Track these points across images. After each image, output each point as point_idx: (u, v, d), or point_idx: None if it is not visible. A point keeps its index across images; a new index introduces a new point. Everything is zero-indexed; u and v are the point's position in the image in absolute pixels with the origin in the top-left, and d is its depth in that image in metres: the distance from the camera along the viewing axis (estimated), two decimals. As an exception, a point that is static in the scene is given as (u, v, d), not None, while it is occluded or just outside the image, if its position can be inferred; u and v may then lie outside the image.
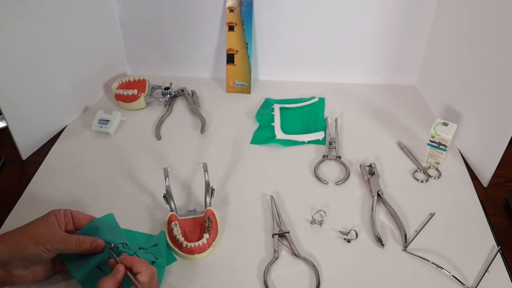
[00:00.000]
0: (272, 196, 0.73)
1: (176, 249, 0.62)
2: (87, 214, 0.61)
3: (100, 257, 0.56)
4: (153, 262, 0.57)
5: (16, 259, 0.51)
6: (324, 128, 0.90)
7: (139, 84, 1.00)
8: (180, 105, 1.01)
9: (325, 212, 0.69)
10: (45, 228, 0.54)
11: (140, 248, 0.60)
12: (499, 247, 0.64)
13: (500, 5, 0.72)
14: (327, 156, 0.82)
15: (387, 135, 0.89)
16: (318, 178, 0.78)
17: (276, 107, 0.96)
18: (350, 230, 0.67)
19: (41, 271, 0.56)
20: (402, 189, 0.75)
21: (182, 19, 1.03)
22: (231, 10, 0.99)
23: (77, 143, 0.88)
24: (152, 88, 1.02)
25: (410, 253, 0.63)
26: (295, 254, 0.63)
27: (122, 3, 1.02)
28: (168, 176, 0.69)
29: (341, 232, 0.67)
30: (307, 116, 0.95)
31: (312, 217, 0.69)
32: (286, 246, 0.65)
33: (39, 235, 0.52)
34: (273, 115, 0.94)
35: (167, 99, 0.99)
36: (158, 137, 0.89)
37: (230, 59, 1.02)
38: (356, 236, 0.66)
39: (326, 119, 0.93)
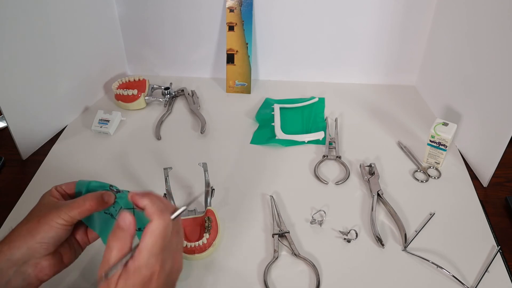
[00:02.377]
0: (272, 196, 0.73)
1: (176, 249, 0.62)
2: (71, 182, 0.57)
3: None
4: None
5: (35, 248, 0.49)
6: (324, 128, 0.90)
7: (139, 84, 1.00)
8: (180, 105, 1.01)
9: (325, 212, 0.69)
10: (47, 208, 0.51)
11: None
12: (499, 247, 0.64)
13: (499, 5, 0.72)
14: (327, 156, 0.82)
15: (387, 135, 0.89)
16: (318, 178, 0.78)
17: (276, 107, 0.96)
18: (350, 230, 0.67)
19: (69, 252, 0.53)
20: (402, 189, 0.75)
21: (182, 19, 1.03)
22: (231, 10, 0.99)
23: (77, 143, 0.88)
24: (152, 88, 1.02)
25: (410, 253, 0.63)
26: (295, 254, 0.63)
27: (122, 3, 1.02)
28: (168, 176, 0.69)
29: (341, 232, 0.67)
30: (307, 116, 0.95)
31: (312, 217, 0.69)
32: (286, 246, 0.65)
33: (45, 215, 0.50)
34: (273, 115, 0.94)
35: (167, 99, 0.99)
36: (158, 137, 0.89)
37: (230, 59, 1.02)
38: (356, 236, 0.66)
39: (326, 119, 0.93)
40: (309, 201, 0.72)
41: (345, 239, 0.66)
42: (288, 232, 0.66)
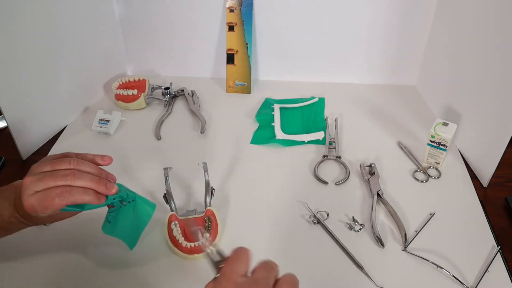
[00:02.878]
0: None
1: (176, 249, 0.62)
2: None
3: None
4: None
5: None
6: (324, 128, 0.90)
7: (139, 84, 1.00)
8: (180, 105, 1.01)
9: (326, 213, 0.69)
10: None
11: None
12: (499, 247, 0.64)
13: (499, 5, 0.72)
14: (327, 156, 0.82)
15: (387, 135, 0.89)
16: (318, 178, 0.77)
17: (276, 107, 0.96)
18: (354, 220, 0.68)
19: None
20: (402, 189, 0.75)
21: (182, 19, 1.03)
22: (231, 10, 0.99)
23: (77, 143, 0.88)
24: (152, 88, 1.02)
25: (410, 253, 0.63)
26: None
27: (122, 3, 1.02)
28: (168, 176, 0.69)
29: (348, 224, 0.68)
30: (307, 116, 0.95)
31: (313, 217, 0.69)
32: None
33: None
34: (273, 115, 0.94)
35: (167, 99, 0.99)
36: (158, 137, 0.89)
37: (230, 59, 1.02)
38: (360, 226, 0.67)
39: (326, 119, 0.93)
40: (309, 201, 0.72)
41: (352, 229, 0.67)
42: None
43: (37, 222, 0.56)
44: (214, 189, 0.70)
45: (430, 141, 0.77)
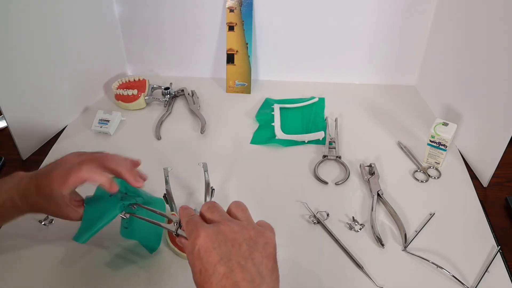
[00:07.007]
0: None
1: (176, 249, 0.62)
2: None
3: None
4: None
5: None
6: (324, 128, 0.90)
7: (139, 84, 1.00)
8: (180, 105, 1.01)
9: (326, 213, 0.69)
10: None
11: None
12: (499, 247, 0.64)
13: (499, 5, 0.72)
14: (327, 156, 0.82)
15: (387, 135, 0.89)
16: (318, 178, 0.77)
17: (276, 107, 0.96)
18: (354, 220, 0.68)
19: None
20: (402, 189, 0.75)
21: (182, 19, 1.03)
22: (231, 10, 0.99)
23: (77, 143, 0.88)
24: (152, 88, 1.02)
25: (410, 253, 0.63)
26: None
27: (122, 3, 1.02)
28: (168, 176, 0.69)
29: (348, 224, 0.68)
30: (307, 116, 0.95)
31: (313, 217, 0.69)
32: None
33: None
34: (273, 115, 0.94)
35: (167, 99, 0.99)
36: (158, 137, 0.89)
37: (230, 59, 1.02)
38: (360, 226, 0.67)
39: (326, 119, 0.93)
40: (309, 201, 0.72)
41: (352, 229, 0.67)
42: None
43: (37, 208, 0.55)
44: (214, 189, 0.70)
45: (430, 141, 0.77)
